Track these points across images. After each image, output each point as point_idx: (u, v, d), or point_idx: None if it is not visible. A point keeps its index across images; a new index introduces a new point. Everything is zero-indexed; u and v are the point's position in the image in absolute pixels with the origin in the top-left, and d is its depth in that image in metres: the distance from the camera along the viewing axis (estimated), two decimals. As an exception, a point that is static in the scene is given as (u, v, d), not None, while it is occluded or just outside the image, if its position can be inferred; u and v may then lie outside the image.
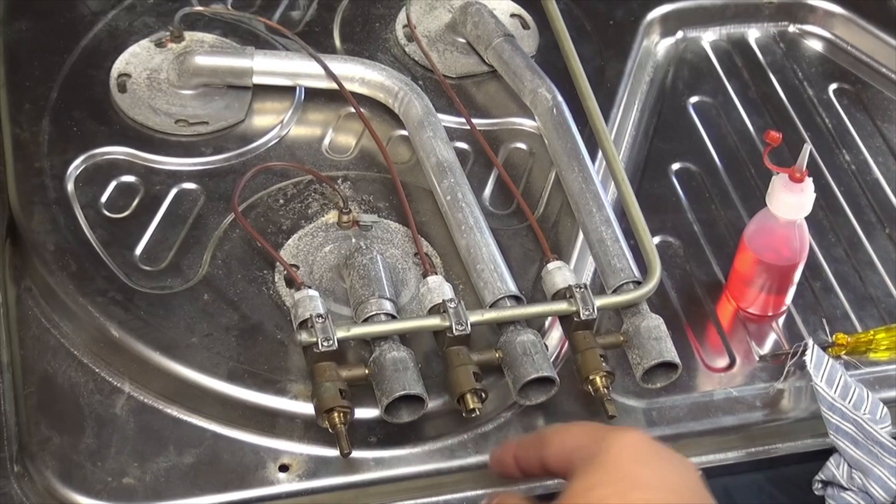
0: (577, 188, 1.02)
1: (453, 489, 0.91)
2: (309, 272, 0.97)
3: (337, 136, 1.10)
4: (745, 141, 1.18)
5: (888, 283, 1.07)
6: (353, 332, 0.88)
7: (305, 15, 1.20)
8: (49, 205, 1.00)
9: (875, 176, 1.16)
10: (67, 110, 1.07)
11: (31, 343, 0.94)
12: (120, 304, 0.94)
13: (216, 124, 1.08)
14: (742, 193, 1.13)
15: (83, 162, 1.04)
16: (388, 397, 0.86)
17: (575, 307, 0.92)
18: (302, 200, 1.03)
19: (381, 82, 1.10)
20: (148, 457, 0.88)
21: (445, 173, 1.02)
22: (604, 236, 0.98)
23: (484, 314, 0.91)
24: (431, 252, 1.00)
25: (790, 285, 1.02)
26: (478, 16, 1.16)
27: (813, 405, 0.95)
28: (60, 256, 0.96)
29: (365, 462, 0.90)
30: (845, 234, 1.11)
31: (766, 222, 0.98)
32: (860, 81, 1.25)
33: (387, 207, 1.04)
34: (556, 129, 1.07)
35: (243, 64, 1.09)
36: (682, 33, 1.27)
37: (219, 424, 0.91)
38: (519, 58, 1.13)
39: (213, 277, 0.97)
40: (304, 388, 0.90)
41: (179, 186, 1.04)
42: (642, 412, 0.96)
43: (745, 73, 1.25)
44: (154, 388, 0.92)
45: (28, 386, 0.92)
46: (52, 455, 0.88)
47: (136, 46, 1.13)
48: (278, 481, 0.88)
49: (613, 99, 1.16)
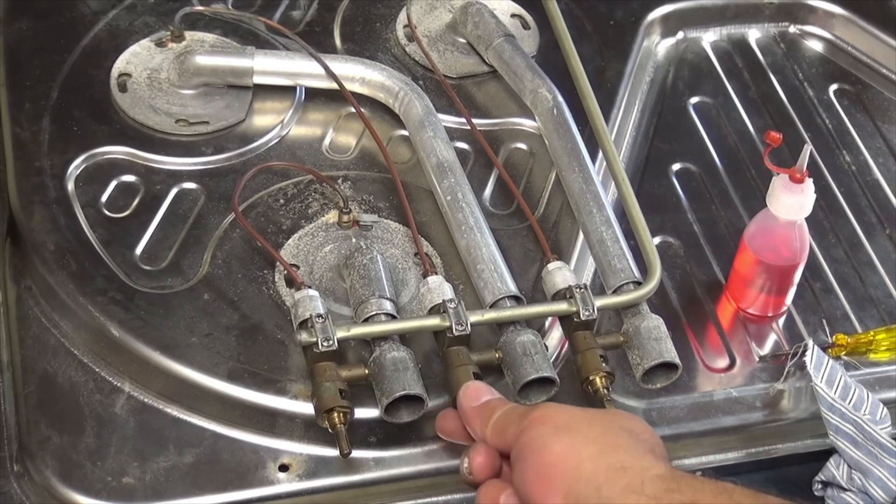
0: (577, 188, 1.02)
1: (453, 489, 0.91)
2: (309, 272, 0.97)
3: (337, 136, 1.10)
4: (746, 141, 1.18)
5: (888, 283, 1.07)
6: (353, 332, 0.88)
7: (306, 15, 1.20)
8: (49, 204, 1.00)
9: (875, 176, 1.16)
10: (68, 110, 1.07)
11: (31, 342, 0.94)
12: (120, 304, 0.94)
13: (216, 124, 1.08)
14: (742, 194, 1.13)
15: (83, 161, 1.04)
16: (388, 397, 0.86)
17: (575, 307, 0.92)
18: (302, 200, 1.03)
19: (382, 82, 1.10)
20: (148, 456, 0.88)
21: (446, 173, 1.02)
22: (604, 236, 0.98)
23: (484, 314, 0.91)
24: (431, 252, 1.00)
25: (790, 286, 1.02)
26: (478, 16, 1.16)
27: (813, 406, 0.95)
28: (60, 256, 0.96)
29: (365, 462, 0.90)
30: (845, 234, 1.11)
31: (767, 223, 0.98)
32: (860, 82, 1.25)
33: (387, 207, 1.04)
34: (557, 129, 1.07)
35: (244, 64, 1.09)
36: (682, 34, 1.27)
37: (219, 424, 0.90)
38: (519, 58, 1.13)
39: (213, 277, 0.97)
40: (304, 387, 0.90)
41: (180, 186, 1.04)
42: (642, 412, 0.96)
43: (746, 74, 1.25)
44: (154, 387, 0.92)
45: (28, 385, 0.92)
46: (51, 454, 0.88)
47: (136, 46, 1.13)
48: (278, 481, 0.88)
49: (614, 99, 1.16)
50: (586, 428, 0.78)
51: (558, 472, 0.75)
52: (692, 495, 0.72)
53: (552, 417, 0.79)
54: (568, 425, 0.78)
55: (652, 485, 0.73)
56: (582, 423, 0.78)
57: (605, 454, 0.75)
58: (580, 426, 0.78)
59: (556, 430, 0.77)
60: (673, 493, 0.72)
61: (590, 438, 0.77)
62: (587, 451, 0.76)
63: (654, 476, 0.73)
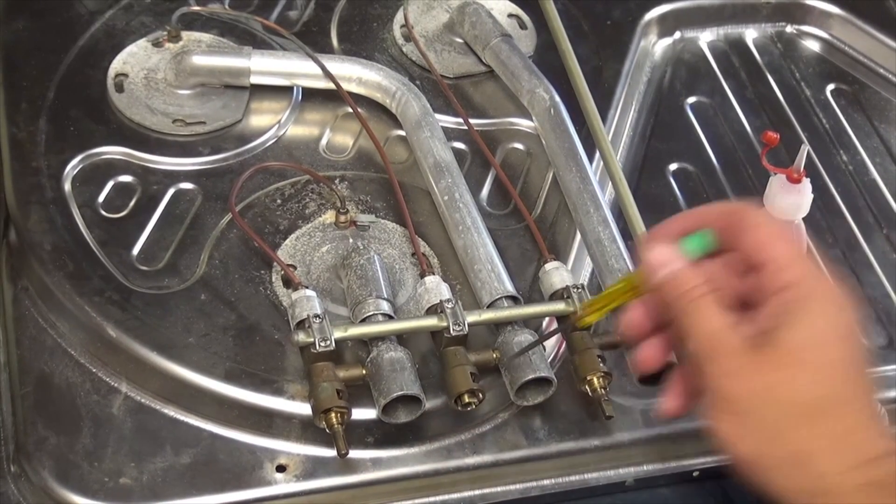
0: (574, 188, 1.02)
1: (451, 489, 0.91)
2: (306, 272, 0.97)
3: (334, 136, 1.10)
4: (743, 141, 1.18)
5: (885, 283, 1.07)
6: (350, 332, 0.88)
7: (303, 15, 1.20)
8: (46, 204, 1.00)
9: (872, 176, 1.16)
10: (64, 110, 1.07)
11: (28, 343, 0.94)
12: (117, 304, 0.93)
13: (213, 124, 1.08)
14: (739, 194, 1.13)
15: (80, 161, 1.04)
16: (386, 398, 0.86)
17: (573, 307, 0.92)
18: (299, 200, 1.03)
19: (379, 82, 1.10)
20: (145, 457, 0.88)
21: (443, 173, 1.02)
22: (601, 236, 0.98)
23: (481, 314, 0.91)
24: (429, 252, 1.00)
25: (788, 286, 1.01)
26: (475, 16, 1.16)
27: (810, 405, 0.95)
28: (57, 256, 0.96)
29: (362, 462, 0.90)
30: (843, 234, 1.11)
31: (764, 223, 0.98)
32: (857, 82, 1.25)
33: (384, 207, 1.04)
34: (554, 129, 1.07)
35: (241, 64, 1.09)
36: (679, 33, 1.27)
37: (216, 424, 0.90)
38: (516, 58, 1.13)
39: (210, 277, 0.97)
40: (302, 388, 0.89)
41: (177, 186, 1.04)
42: (640, 413, 0.95)
43: (743, 74, 1.25)
44: (151, 387, 0.91)
45: (25, 386, 0.91)
46: (48, 455, 0.88)
47: (133, 46, 1.13)
48: (275, 481, 0.88)
49: (611, 99, 1.16)
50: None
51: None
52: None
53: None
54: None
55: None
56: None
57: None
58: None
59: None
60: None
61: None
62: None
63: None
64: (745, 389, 0.68)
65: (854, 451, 0.66)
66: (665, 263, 0.71)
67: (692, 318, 0.70)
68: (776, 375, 0.67)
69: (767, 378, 0.67)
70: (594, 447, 0.93)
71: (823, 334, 0.68)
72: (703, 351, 0.69)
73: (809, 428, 0.66)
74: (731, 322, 0.69)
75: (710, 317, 0.69)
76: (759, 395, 0.67)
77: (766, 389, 0.67)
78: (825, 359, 0.67)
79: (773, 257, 0.70)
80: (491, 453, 0.91)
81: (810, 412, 0.67)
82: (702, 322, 0.69)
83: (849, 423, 0.67)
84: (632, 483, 0.94)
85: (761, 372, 0.67)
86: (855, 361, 0.68)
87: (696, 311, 0.70)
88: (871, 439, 0.67)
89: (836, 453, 0.66)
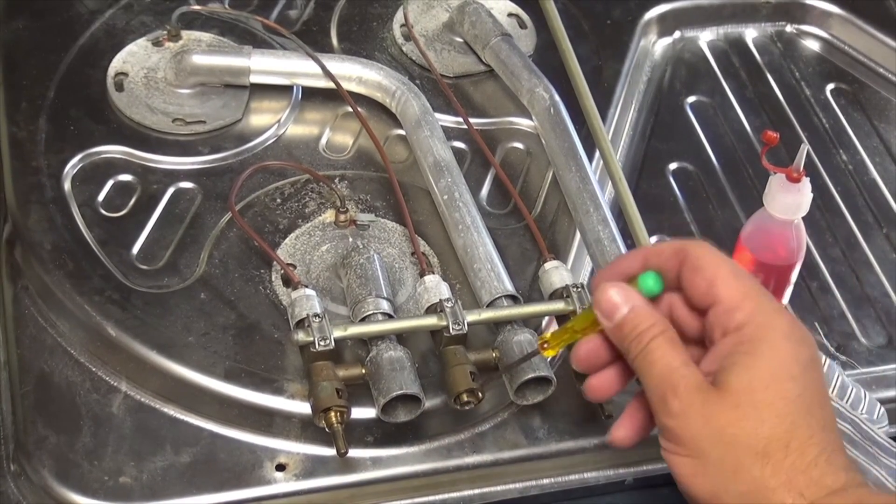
0: (574, 188, 1.02)
1: (450, 489, 0.91)
2: (306, 271, 0.97)
3: (334, 136, 1.10)
4: (743, 141, 1.18)
5: (885, 283, 1.07)
6: (349, 331, 0.88)
7: (303, 14, 1.20)
8: (46, 204, 1.00)
9: (872, 176, 1.16)
10: (64, 109, 1.07)
11: (28, 342, 0.94)
12: (117, 303, 0.93)
13: (213, 123, 1.08)
14: (739, 193, 1.13)
15: (80, 161, 1.04)
16: (385, 397, 0.86)
17: (572, 307, 0.92)
18: (299, 199, 1.03)
19: (379, 81, 1.10)
20: (144, 456, 0.88)
21: (443, 173, 1.02)
22: (601, 236, 0.98)
23: (481, 314, 0.91)
24: (428, 251, 1.00)
25: (787, 285, 1.02)
26: (475, 15, 1.16)
27: (810, 405, 0.95)
28: (57, 255, 0.96)
29: (362, 461, 0.90)
30: (842, 234, 1.11)
31: (764, 222, 0.98)
32: (857, 81, 1.25)
33: (384, 207, 1.04)
34: (554, 128, 1.07)
35: (240, 63, 1.09)
36: (679, 33, 1.27)
37: (216, 424, 0.90)
38: (516, 57, 1.13)
39: (210, 276, 0.97)
40: (301, 387, 0.89)
41: (176, 185, 1.04)
42: (639, 412, 0.95)
43: (743, 73, 1.25)
44: (151, 387, 0.91)
45: (25, 385, 0.92)
46: (48, 454, 0.88)
47: (133, 45, 1.13)
48: (275, 481, 0.88)
49: (611, 98, 1.16)
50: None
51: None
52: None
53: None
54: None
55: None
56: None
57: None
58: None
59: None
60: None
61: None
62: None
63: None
64: (698, 430, 0.69)
65: (814, 485, 0.67)
66: (618, 305, 0.72)
67: (646, 359, 0.71)
68: (728, 416, 0.68)
69: (720, 419, 0.68)
70: (593, 446, 0.93)
71: (774, 374, 0.69)
72: (657, 390, 0.70)
73: (766, 465, 0.67)
74: (686, 360, 0.70)
75: (662, 356, 0.71)
76: (714, 436, 0.68)
77: (720, 430, 0.68)
78: (777, 398, 0.68)
79: (721, 298, 0.71)
80: (490, 452, 0.91)
81: (766, 450, 0.67)
82: (655, 363, 0.71)
83: (808, 457, 0.67)
84: (631, 482, 0.94)
85: (714, 413, 0.68)
86: (812, 396, 0.69)
87: (649, 352, 0.71)
88: (832, 473, 0.67)
89: (795, 488, 0.67)
